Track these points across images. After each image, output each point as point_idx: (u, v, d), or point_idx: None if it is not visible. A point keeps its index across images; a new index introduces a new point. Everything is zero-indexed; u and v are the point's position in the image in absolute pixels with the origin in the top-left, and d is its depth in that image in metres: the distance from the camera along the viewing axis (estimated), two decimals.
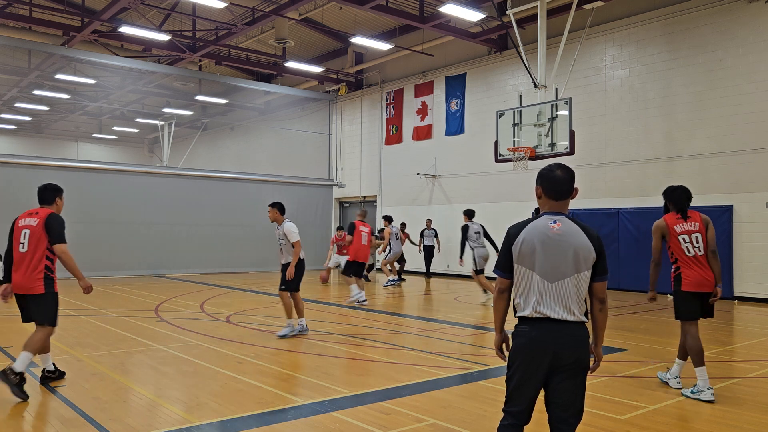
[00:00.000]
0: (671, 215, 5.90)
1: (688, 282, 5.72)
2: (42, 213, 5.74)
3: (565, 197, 3.20)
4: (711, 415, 5.05)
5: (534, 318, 3.10)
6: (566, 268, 3.08)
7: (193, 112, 30.41)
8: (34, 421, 4.76)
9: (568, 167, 3.27)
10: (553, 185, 3.20)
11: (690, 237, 5.78)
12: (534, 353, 3.09)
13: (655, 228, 5.92)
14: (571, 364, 3.11)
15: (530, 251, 3.11)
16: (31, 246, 5.62)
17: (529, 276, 3.12)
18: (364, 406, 5.20)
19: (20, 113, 31.44)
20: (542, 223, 3.16)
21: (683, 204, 5.95)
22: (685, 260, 5.76)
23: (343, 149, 24.41)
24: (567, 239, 3.09)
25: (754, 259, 13.49)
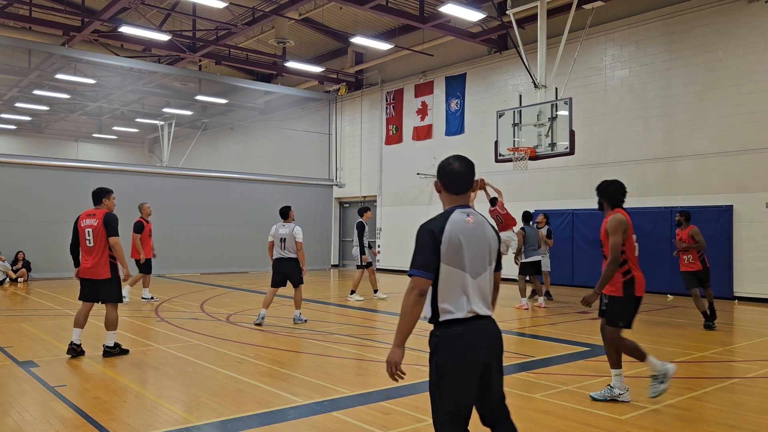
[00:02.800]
0: (624, 212, 5.49)
1: (640, 286, 5.37)
2: (99, 213, 7.09)
3: (465, 190, 3.08)
4: (711, 415, 5.05)
5: (467, 318, 2.96)
6: (484, 261, 3.03)
7: (193, 112, 30.40)
8: (34, 421, 4.76)
9: (467, 159, 3.14)
10: (452, 179, 3.06)
11: (635, 237, 5.51)
12: (475, 353, 2.96)
13: (618, 223, 5.37)
14: (500, 356, 3.11)
15: (457, 248, 2.93)
16: (96, 241, 6.99)
17: (456, 274, 2.94)
18: (364, 406, 5.20)
19: (20, 113, 31.43)
20: (459, 217, 2.99)
21: (620, 200, 5.56)
22: (635, 262, 5.42)
23: (343, 149, 24.41)
24: (482, 232, 3.03)
25: (754, 259, 13.49)
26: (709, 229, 14.05)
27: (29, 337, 8.37)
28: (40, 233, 17.27)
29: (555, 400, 5.41)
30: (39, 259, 17.18)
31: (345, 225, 24.69)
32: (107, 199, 7.25)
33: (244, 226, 21.17)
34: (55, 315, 10.54)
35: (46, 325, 9.45)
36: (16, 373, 6.31)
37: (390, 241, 22.04)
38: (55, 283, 16.07)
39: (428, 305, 2.99)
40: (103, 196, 7.23)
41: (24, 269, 16.65)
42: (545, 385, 5.91)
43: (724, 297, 13.71)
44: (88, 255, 7.02)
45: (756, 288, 13.44)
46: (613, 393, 5.32)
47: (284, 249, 9.58)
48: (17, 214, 17.30)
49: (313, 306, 11.60)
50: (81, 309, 7.17)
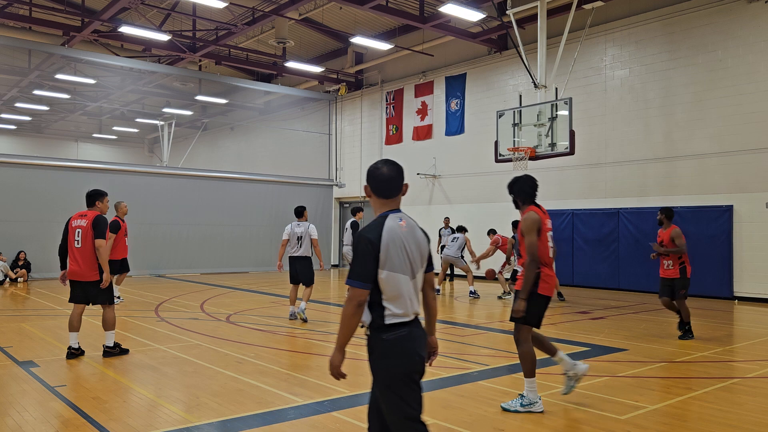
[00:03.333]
0: (537, 209, 5.20)
1: (547, 286, 5.11)
2: (90, 215, 7.03)
3: (395, 194, 3.11)
4: (711, 415, 5.05)
5: (411, 320, 3.01)
6: (418, 263, 3.07)
7: (193, 112, 30.39)
8: (34, 421, 4.76)
9: (396, 163, 3.14)
10: (381, 184, 3.08)
11: (549, 236, 5.24)
12: (419, 352, 3.02)
13: (531, 222, 5.08)
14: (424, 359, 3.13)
15: (397, 253, 2.95)
16: (84, 242, 6.93)
17: (398, 278, 2.96)
18: (364, 406, 5.17)
19: (20, 113, 31.43)
20: (393, 222, 3.02)
21: (530, 195, 5.27)
22: (546, 261, 5.15)
23: (343, 149, 24.41)
24: (414, 234, 3.07)
25: (754, 259, 13.49)
26: (709, 229, 14.07)
27: (29, 337, 8.37)
28: (40, 233, 17.27)
29: (555, 400, 5.41)
30: (39, 259, 17.19)
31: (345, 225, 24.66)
32: (101, 202, 7.20)
33: (244, 226, 21.17)
34: (55, 315, 10.54)
35: (46, 325, 9.45)
36: (16, 373, 6.31)
37: None
38: (55, 283, 16.06)
39: (367, 311, 3.00)
40: (97, 198, 7.18)
41: (24, 270, 16.65)
42: (545, 385, 5.90)
43: (724, 297, 13.71)
44: (76, 256, 6.96)
45: (756, 288, 13.44)
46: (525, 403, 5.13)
47: (299, 247, 9.88)
48: (17, 214, 17.31)
49: (313, 306, 11.59)
50: (73, 312, 7.09)
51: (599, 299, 13.68)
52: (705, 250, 14.09)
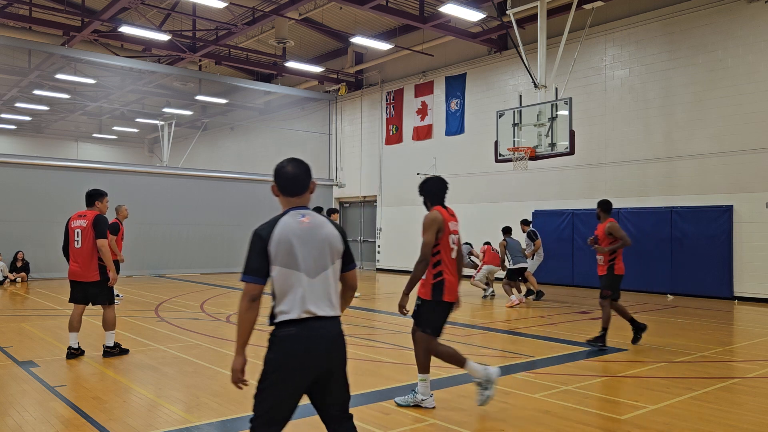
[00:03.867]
0: (443, 210, 5.09)
1: (450, 291, 4.97)
2: (89, 215, 6.99)
3: (300, 192, 3.09)
4: (711, 415, 5.05)
5: (302, 319, 2.91)
6: (324, 260, 2.99)
7: (193, 112, 30.39)
8: (34, 421, 4.76)
9: (301, 161, 3.13)
10: (286, 182, 3.07)
11: (455, 239, 5.12)
12: (309, 355, 2.90)
13: (431, 221, 4.97)
14: (341, 359, 3.04)
15: (288, 249, 2.92)
16: (84, 242, 6.90)
17: (290, 275, 2.92)
18: (364, 406, 5.20)
19: (20, 113, 31.43)
20: (291, 219, 3.00)
21: (438, 196, 5.17)
22: (448, 264, 5.00)
23: (343, 149, 24.41)
24: (319, 231, 3.01)
25: (754, 259, 13.49)
26: (709, 229, 14.07)
27: (29, 337, 8.37)
28: (40, 233, 17.27)
29: (555, 400, 5.41)
30: (39, 259, 17.19)
31: (345, 225, 24.67)
32: (100, 202, 7.16)
33: (244, 226, 21.15)
34: (55, 315, 10.54)
35: (46, 325, 9.45)
36: (16, 373, 6.32)
37: (390, 241, 22.05)
38: (54, 283, 16.07)
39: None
40: (97, 198, 7.14)
41: (24, 273, 16.62)
42: (545, 385, 5.90)
43: (724, 297, 13.71)
44: (76, 256, 6.93)
45: (756, 288, 13.44)
46: (416, 399, 5.10)
47: None
48: (17, 214, 17.31)
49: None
50: (74, 312, 7.06)
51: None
52: (705, 250, 14.10)
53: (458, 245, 5.15)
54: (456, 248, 5.09)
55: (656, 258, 14.85)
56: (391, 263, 21.76)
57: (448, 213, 5.09)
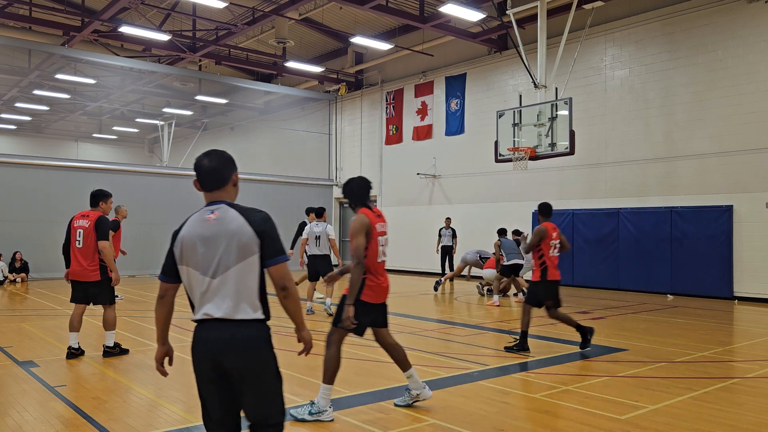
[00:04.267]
0: (369, 211, 4.96)
1: (372, 292, 4.90)
2: (92, 215, 7.00)
3: (218, 186, 2.91)
4: (711, 415, 5.05)
5: (203, 320, 2.80)
6: (228, 259, 2.77)
7: (193, 112, 30.38)
8: (34, 421, 4.76)
9: (221, 153, 2.96)
10: (202, 176, 2.93)
11: (384, 240, 5.02)
12: (201, 357, 2.81)
13: (359, 225, 4.86)
14: (241, 368, 2.77)
15: (191, 248, 2.81)
16: (86, 242, 6.93)
17: (192, 275, 2.82)
18: (364, 406, 5.20)
19: (20, 113, 31.42)
20: (199, 216, 2.88)
21: (360, 196, 5.01)
22: (375, 267, 4.92)
23: (343, 149, 24.41)
24: (224, 227, 2.80)
25: (754, 259, 13.49)
26: (709, 229, 14.08)
27: (29, 337, 8.37)
28: (40, 233, 17.26)
29: (555, 400, 5.41)
30: (38, 259, 17.18)
31: (345, 225, 24.68)
32: (104, 203, 7.16)
33: None
34: (55, 315, 10.54)
35: (46, 325, 9.45)
36: (16, 373, 6.32)
37: (390, 241, 22.02)
38: (54, 283, 16.07)
39: None
40: (101, 199, 7.14)
41: (23, 274, 16.61)
42: (545, 385, 5.91)
43: (724, 297, 13.71)
44: (77, 256, 6.95)
45: (756, 288, 13.44)
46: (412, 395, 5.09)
47: (318, 246, 10.52)
48: (17, 214, 17.30)
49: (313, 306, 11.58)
50: (74, 312, 7.09)
51: (599, 299, 13.68)
52: (705, 250, 14.10)
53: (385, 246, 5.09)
54: (384, 250, 5.03)
55: (656, 258, 14.85)
56: (391, 263, 21.67)
57: (374, 214, 4.97)
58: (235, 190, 3.00)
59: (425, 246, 19.43)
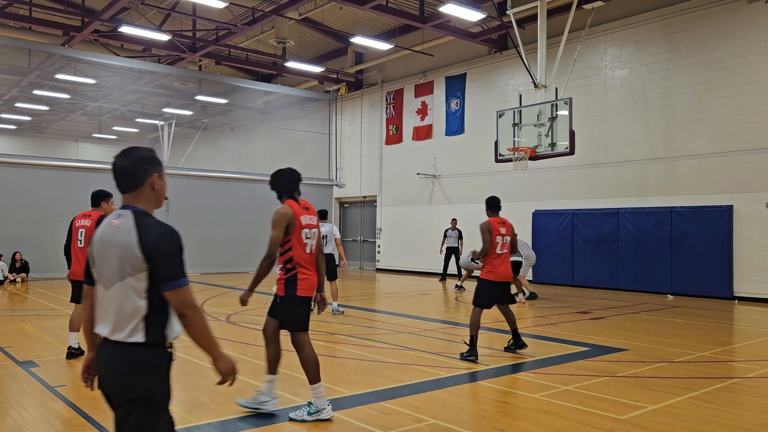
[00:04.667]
0: (294, 203, 4.87)
1: (304, 286, 4.83)
2: (94, 215, 7.01)
3: (130, 189, 2.59)
4: (711, 415, 5.05)
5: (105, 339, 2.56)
6: (113, 273, 2.50)
7: (193, 112, 30.39)
8: (34, 421, 4.76)
9: (136, 151, 2.62)
10: (114, 176, 2.64)
11: (311, 233, 4.89)
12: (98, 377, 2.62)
13: (280, 216, 4.75)
14: (117, 395, 2.52)
15: (95, 252, 2.60)
16: (87, 242, 6.89)
17: (96, 286, 2.62)
18: (364, 406, 5.20)
19: (20, 113, 31.43)
20: (107, 221, 2.62)
21: (286, 188, 4.93)
22: (304, 260, 4.83)
23: (343, 149, 24.41)
24: (117, 238, 2.51)
25: (754, 259, 13.49)
26: (709, 229, 14.08)
27: (29, 337, 8.37)
28: (40, 233, 17.26)
29: (555, 400, 5.41)
30: (38, 259, 17.18)
31: (345, 225, 24.70)
32: (106, 203, 7.15)
33: (244, 226, 21.16)
34: (55, 315, 10.54)
35: (46, 325, 9.45)
36: (16, 373, 6.32)
37: (390, 241, 22.04)
38: (54, 283, 16.07)
39: None
40: (102, 199, 7.13)
41: (24, 274, 16.61)
42: (545, 385, 5.91)
43: (724, 297, 13.71)
44: (79, 256, 6.96)
45: (756, 288, 13.44)
46: (258, 400, 4.97)
47: (325, 245, 10.70)
48: (17, 214, 17.30)
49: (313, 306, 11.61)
50: (74, 312, 7.09)
51: (599, 299, 13.68)
52: (705, 250, 14.10)
53: (318, 239, 4.97)
54: (312, 243, 4.88)
55: (656, 258, 14.85)
56: (391, 263, 21.76)
57: (300, 207, 4.86)
58: (153, 194, 2.63)
59: (425, 246, 19.44)
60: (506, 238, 7.22)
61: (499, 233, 7.17)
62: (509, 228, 7.31)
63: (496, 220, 7.26)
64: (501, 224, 7.24)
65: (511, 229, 7.33)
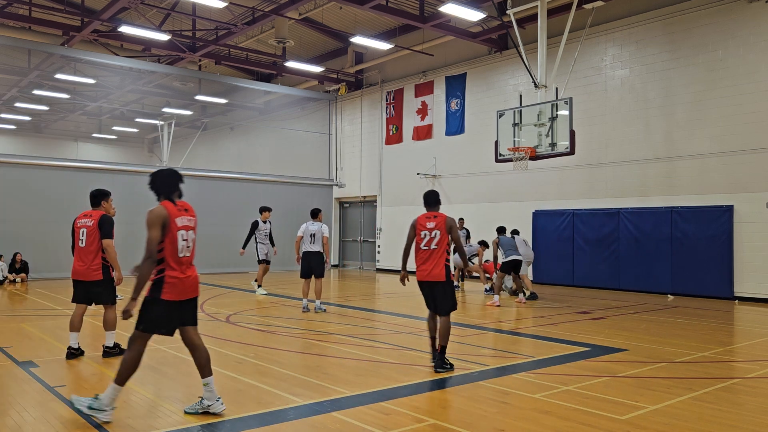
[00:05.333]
0: (170, 204, 4.81)
1: (172, 288, 4.71)
2: (95, 215, 7.03)
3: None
4: (711, 415, 5.05)
5: None
6: None
7: (193, 112, 30.38)
8: (34, 421, 4.75)
9: None
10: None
11: (187, 235, 4.84)
12: None
13: (154, 217, 4.68)
14: None
15: None
16: (89, 241, 6.95)
17: None
18: (364, 406, 5.20)
19: (20, 113, 31.43)
20: None
21: (164, 190, 4.86)
22: (177, 261, 4.74)
23: (343, 149, 24.41)
24: None
25: (754, 259, 13.49)
26: (709, 229, 14.08)
27: (29, 337, 8.37)
28: (40, 233, 17.25)
29: (555, 400, 5.40)
30: (38, 259, 17.16)
31: (345, 225, 24.70)
32: (105, 202, 7.18)
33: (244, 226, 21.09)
34: (55, 315, 10.53)
35: (46, 325, 9.44)
36: (16, 373, 6.31)
37: (390, 241, 22.04)
38: (54, 283, 16.06)
39: None
40: (102, 198, 7.16)
41: (24, 274, 16.60)
42: (545, 385, 5.90)
43: (724, 297, 13.71)
44: (80, 256, 6.96)
45: (756, 288, 13.44)
46: (203, 405, 4.88)
47: (313, 243, 11.09)
48: (17, 214, 17.29)
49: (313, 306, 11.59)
50: (75, 312, 7.08)
51: (599, 299, 13.68)
52: (705, 250, 14.09)
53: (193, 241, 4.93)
54: (187, 245, 4.84)
55: (656, 258, 14.85)
56: (391, 263, 21.74)
57: (177, 208, 4.79)
58: None
59: None
60: (435, 232, 6.59)
61: (425, 228, 6.63)
62: (440, 222, 6.63)
63: (425, 215, 6.79)
64: (429, 219, 6.70)
65: (443, 223, 6.62)
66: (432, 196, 6.99)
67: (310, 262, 11.16)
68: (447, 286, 6.59)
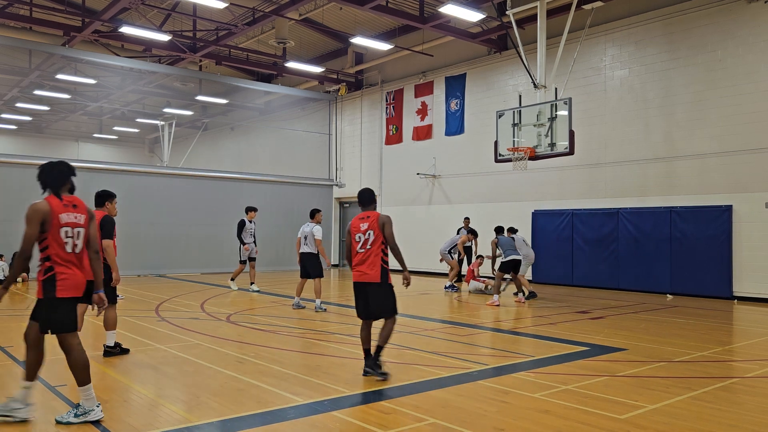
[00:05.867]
0: (55, 200, 4.64)
1: (65, 285, 4.63)
2: (97, 215, 6.78)
3: None
4: (711, 415, 5.06)
5: None
6: None
7: (194, 112, 30.40)
8: (34, 421, 4.76)
9: None
10: None
11: (73, 231, 4.70)
12: None
13: (33, 212, 4.57)
14: None
15: None
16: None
17: None
18: (364, 406, 5.21)
19: (21, 113, 31.45)
20: None
21: (57, 185, 4.70)
22: (61, 258, 4.65)
23: (343, 149, 24.42)
24: None
25: (754, 259, 13.50)
26: (709, 229, 14.09)
27: None
28: None
29: (555, 400, 5.42)
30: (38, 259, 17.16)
31: (345, 225, 24.68)
32: (110, 203, 7.26)
33: None
34: None
35: None
36: (16, 373, 6.33)
37: None
38: None
39: None
40: (106, 199, 7.24)
41: (24, 273, 16.63)
42: (545, 385, 5.91)
43: (724, 297, 13.72)
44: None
45: (756, 288, 13.45)
46: (9, 407, 4.71)
47: (306, 244, 11.41)
48: (17, 214, 17.23)
49: (313, 305, 11.60)
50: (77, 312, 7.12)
51: (599, 299, 13.69)
52: (705, 250, 14.11)
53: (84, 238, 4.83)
54: (74, 241, 4.72)
55: (656, 258, 14.86)
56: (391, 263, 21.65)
57: (62, 203, 4.64)
58: None
59: (425, 246, 19.43)
60: (369, 233, 6.28)
61: (359, 230, 6.31)
62: (373, 221, 6.29)
63: (359, 216, 6.44)
64: (363, 220, 6.36)
65: (375, 222, 6.28)
66: (365, 195, 6.55)
67: (305, 262, 11.48)
68: (383, 287, 6.36)
